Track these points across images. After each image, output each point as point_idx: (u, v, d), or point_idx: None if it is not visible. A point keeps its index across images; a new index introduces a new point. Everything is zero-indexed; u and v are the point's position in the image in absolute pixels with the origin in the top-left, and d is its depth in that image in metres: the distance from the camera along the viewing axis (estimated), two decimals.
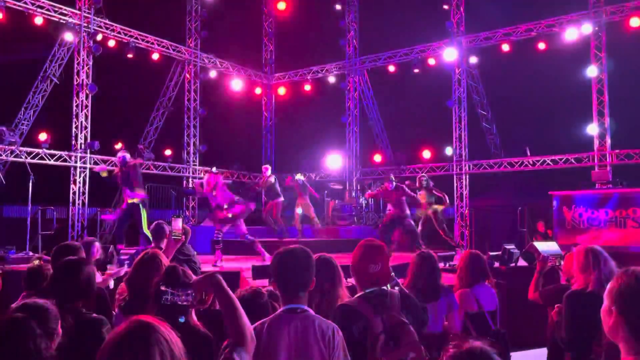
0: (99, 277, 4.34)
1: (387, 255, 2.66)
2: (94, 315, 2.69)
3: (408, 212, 10.03)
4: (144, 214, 8.65)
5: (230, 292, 1.84)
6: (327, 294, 2.78)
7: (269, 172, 11.47)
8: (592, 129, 12.68)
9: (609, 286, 1.64)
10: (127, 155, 9.12)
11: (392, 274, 2.77)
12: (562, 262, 4.73)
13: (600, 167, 12.43)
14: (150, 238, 6.92)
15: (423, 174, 11.42)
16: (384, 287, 2.58)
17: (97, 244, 5.04)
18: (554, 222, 11.36)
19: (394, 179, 10.16)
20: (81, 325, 2.56)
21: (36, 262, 4.04)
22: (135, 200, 8.73)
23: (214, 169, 9.55)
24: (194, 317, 2.53)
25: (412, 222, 10.05)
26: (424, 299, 3.35)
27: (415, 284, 3.82)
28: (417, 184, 10.92)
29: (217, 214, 8.64)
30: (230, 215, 8.58)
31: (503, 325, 4.15)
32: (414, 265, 3.95)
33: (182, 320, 2.31)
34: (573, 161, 12.90)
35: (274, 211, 11.49)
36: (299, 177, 12.49)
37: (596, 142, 12.68)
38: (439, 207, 11.09)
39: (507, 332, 3.99)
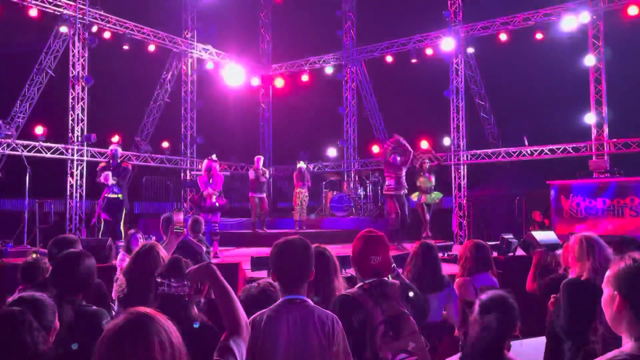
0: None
1: (387, 246, 2.66)
2: (94, 307, 2.69)
3: (405, 185, 9.84)
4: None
5: (225, 282, 1.85)
6: (322, 285, 2.77)
7: (261, 163, 11.39)
8: (590, 118, 12.68)
9: (608, 274, 1.63)
10: (119, 150, 9.44)
11: (393, 264, 2.77)
12: (560, 252, 4.72)
13: (598, 156, 12.43)
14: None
15: (425, 159, 11.13)
16: (385, 278, 2.58)
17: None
18: (551, 212, 11.39)
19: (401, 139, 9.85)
20: (81, 318, 2.56)
21: (33, 255, 4.02)
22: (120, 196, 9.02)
23: (213, 156, 9.77)
24: (195, 308, 2.53)
25: (404, 204, 9.80)
26: (424, 290, 3.35)
27: (416, 274, 3.83)
28: (418, 166, 10.73)
29: (207, 202, 8.95)
30: (217, 204, 8.94)
31: None
32: (414, 255, 3.95)
33: (196, 325, 2.32)
34: (571, 150, 12.90)
35: (264, 205, 11.36)
36: (302, 164, 12.46)
37: (594, 131, 12.67)
38: (438, 197, 10.94)
39: None
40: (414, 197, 10.68)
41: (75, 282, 2.71)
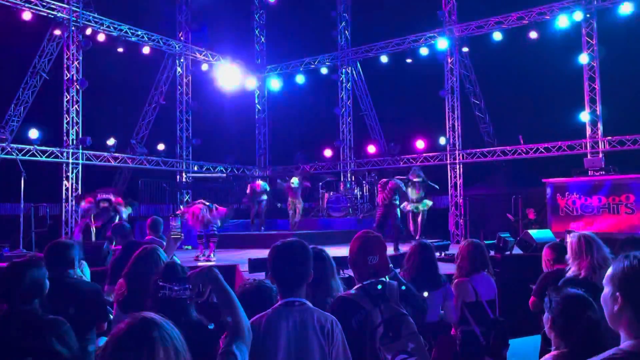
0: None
1: (384, 247, 2.66)
2: (50, 316, 2.56)
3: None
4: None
5: (227, 285, 1.84)
6: (320, 287, 2.77)
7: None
8: (584, 116, 12.73)
9: (610, 272, 1.61)
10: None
11: (391, 264, 2.77)
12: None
13: (593, 154, 12.48)
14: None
15: (418, 172, 11.14)
16: (382, 278, 2.58)
17: None
18: (547, 210, 11.43)
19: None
20: (34, 328, 2.46)
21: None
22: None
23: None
24: (195, 311, 2.53)
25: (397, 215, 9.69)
26: (422, 289, 3.35)
27: (413, 273, 3.83)
28: (412, 178, 10.69)
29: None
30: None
31: (500, 313, 4.16)
32: (412, 255, 3.96)
33: (211, 327, 2.30)
34: (566, 149, 12.95)
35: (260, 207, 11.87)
36: (295, 182, 12.65)
37: (588, 129, 12.72)
38: (425, 206, 10.98)
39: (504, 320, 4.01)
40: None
41: (21, 293, 2.55)
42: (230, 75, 16.20)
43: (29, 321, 2.47)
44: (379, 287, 2.50)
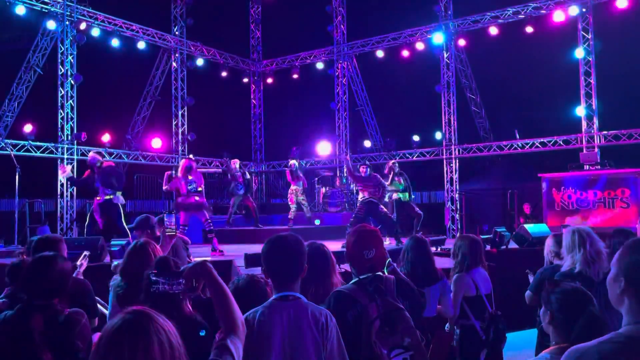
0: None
1: (381, 240, 2.65)
2: (67, 311, 2.56)
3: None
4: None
5: (221, 280, 1.83)
6: (321, 282, 2.76)
7: (237, 165, 11.51)
8: (580, 110, 12.74)
9: (617, 255, 1.63)
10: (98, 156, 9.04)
11: (389, 259, 2.76)
12: None
13: (589, 148, 12.51)
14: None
15: (394, 161, 10.90)
16: (379, 273, 2.57)
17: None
18: (543, 204, 11.47)
19: (369, 164, 9.76)
20: (54, 325, 2.46)
21: (18, 257, 3.97)
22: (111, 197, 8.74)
23: (191, 156, 9.70)
24: (189, 306, 2.52)
25: (385, 209, 9.37)
26: (417, 284, 3.35)
27: (409, 268, 3.83)
28: (387, 171, 10.47)
29: (183, 200, 8.65)
30: (196, 199, 8.64)
31: (495, 307, 4.17)
32: (406, 249, 3.95)
33: (202, 333, 2.29)
34: (561, 143, 12.97)
35: (251, 205, 11.69)
36: (294, 162, 12.42)
37: (584, 124, 12.74)
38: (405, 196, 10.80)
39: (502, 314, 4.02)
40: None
41: (46, 287, 2.54)
42: (225, 71, 16.14)
43: (50, 315, 2.46)
44: (376, 281, 2.49)
